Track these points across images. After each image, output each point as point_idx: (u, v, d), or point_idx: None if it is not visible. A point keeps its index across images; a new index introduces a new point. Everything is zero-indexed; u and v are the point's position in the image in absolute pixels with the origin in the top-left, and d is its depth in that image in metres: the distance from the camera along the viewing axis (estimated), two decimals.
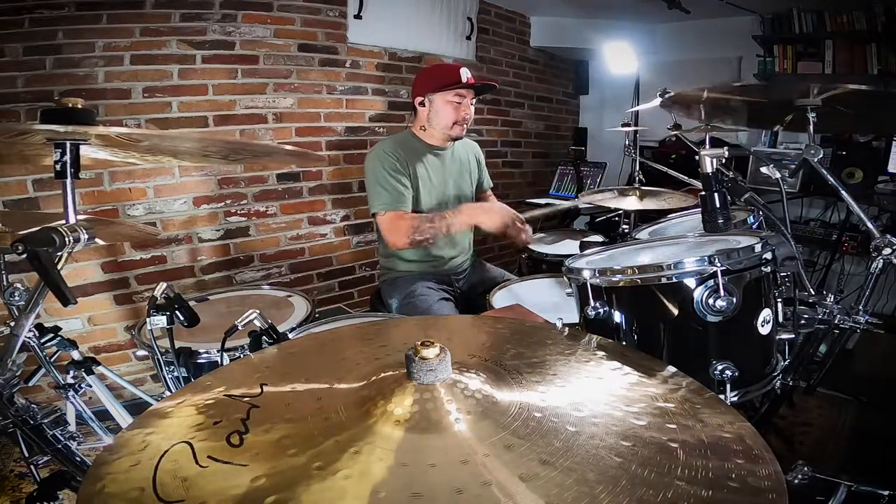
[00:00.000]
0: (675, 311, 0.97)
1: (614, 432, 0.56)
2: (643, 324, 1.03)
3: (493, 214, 1.76)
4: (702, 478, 0.49)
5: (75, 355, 1.35)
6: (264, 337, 1.08)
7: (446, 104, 1.84)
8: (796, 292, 1.06)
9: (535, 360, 0.74)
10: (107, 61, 2.15)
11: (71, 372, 1.34)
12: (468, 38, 3.31)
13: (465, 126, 1.89)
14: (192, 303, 1.15)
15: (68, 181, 0.85)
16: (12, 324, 0.94)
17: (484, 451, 0.52)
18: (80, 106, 0.84)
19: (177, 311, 1.11)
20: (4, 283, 1.21)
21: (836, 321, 1.05)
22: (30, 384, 1.22)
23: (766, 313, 0.98)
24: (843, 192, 1.10)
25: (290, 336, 1.21)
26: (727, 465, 0.51)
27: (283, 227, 2.73)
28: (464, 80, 1.82)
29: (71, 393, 1.32)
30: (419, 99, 1.89)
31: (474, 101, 1.90)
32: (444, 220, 1.76)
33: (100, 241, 0.90)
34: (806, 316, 1.07)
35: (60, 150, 0.84)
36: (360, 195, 2.96)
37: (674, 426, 0.57)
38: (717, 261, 0.90)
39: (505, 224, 1.74)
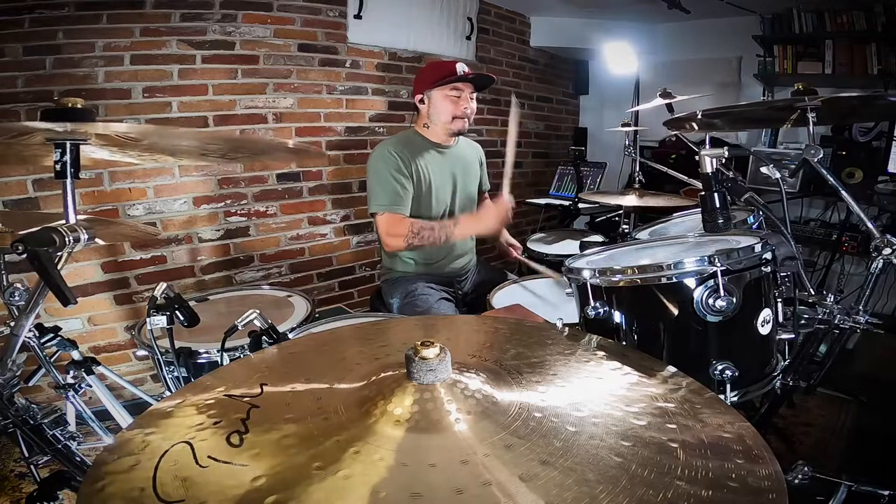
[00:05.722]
0: (675, 311, 0.97)
1: (614, 432, 0.56)
2: (643, 324, 1.03)
3: (489, 220, 1.81)
4: (702, 478, 0.49)
5: (75, 355, 1.35)
6: (264, 337, 1.08)
7: (444, 98, 1.85)
8: (796, 292, 1.06)
9: (535, 360, 0.74)
10: (107, 61, 2.15)
11: (71, 372, 1.34)
12: (468, 38, 3.31)
13: (466, 120, 1.89)
14: (192, 303, 1.15)
15: (68, 181, 0.85)
16: (12, 324, 0.94)
17: (484, 451, 0.52)
18: (80, 106, 0.84)
19: (177, 311, 1.11)
20: (4, 283, 1.21)
21: (836, 321, 1.05)
22: (30, 384, 1.22)
23: (766, 313, 0.98)
24: (843, 192, 1.10)
25: (290, 336, 1.21)
26: (727, 465, 0.51)
27: (283, 227, 2.73)
28: (459, 73, 1.83)
29: (71, 393, 1.32)
30: (419, 96, 1.90)
31: (474, 95, 1.91)
32: (443, 231, 1.78)
33: (100, 241, 0.90)
34: (806, 316, 1.06)
35: (60, 150, 0.84)
36: (360, 195, 2.96)
37: (674, 426, 0.57)
38: (717, 261, 0.90)
39: (502, 222, 1.81)
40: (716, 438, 0.55)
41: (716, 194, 1.07)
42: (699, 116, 1.41)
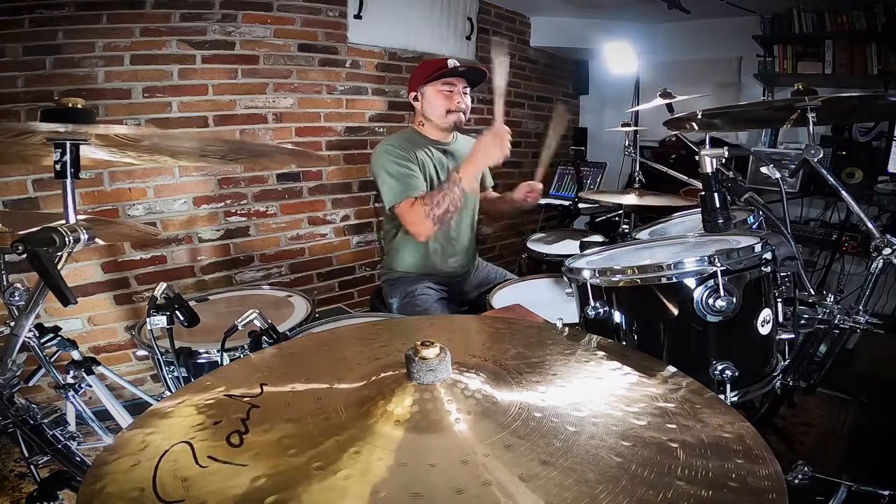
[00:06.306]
0: (675, 311, 0.97)
1: (614, 432, 0.56)
2: (643, 324, 1.03)
3: (491, 150, 1.69)
4: (702, 478, 0.49)
5: (75, 355, 1.35)
6: (264, 337, 1.08)
7: (437, 94, 1.86)
8: (796, 292, 1.06)
9: (535, 360, 0.74)
10: (107, 61, 2.15)
11: (71, 372, 1.34)
12: (468, 38, 3.31)
13: (460, 114, 1.89)
14: (192, 303, 1.15)
15: (68, 181, 0.85)
16: (12, 324, 0.94)
17: (484, 451, 0.52)
18: (80, 106, 0.84)
19: (177, 311, 1.11)
20: (4, 283, 1.21)
21: (836, 321, 1.05)
22: (30, 384, 1.22)
23: (766, 313, 0.98)
24: (843, 192, 1.10)
25: (290, 336, 1.21)
26: (727, 465, 0.51)
27: (283, 227, 2.73)
28: (451, 67, 1.84)
29: (71, 393, 1.32)
30: (413, 94, 1.91)
31: (468, 90, 1.91)
32: (451, 185, 1.70)
33: (100, 241, 0.90)
34: (806, 316, 1.06)
35: (60, 150, 0.84)
36: (360, 195, 2.96)
37: (674, 426, 0.57)
38: (717, 261, 0.90)
39: (504, 148, 1.69)
40: (716, 438, 0.55)
41: (716, 194, 1.06)
42: (699, 116, 1.41)
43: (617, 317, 1.03)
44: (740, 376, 0.93)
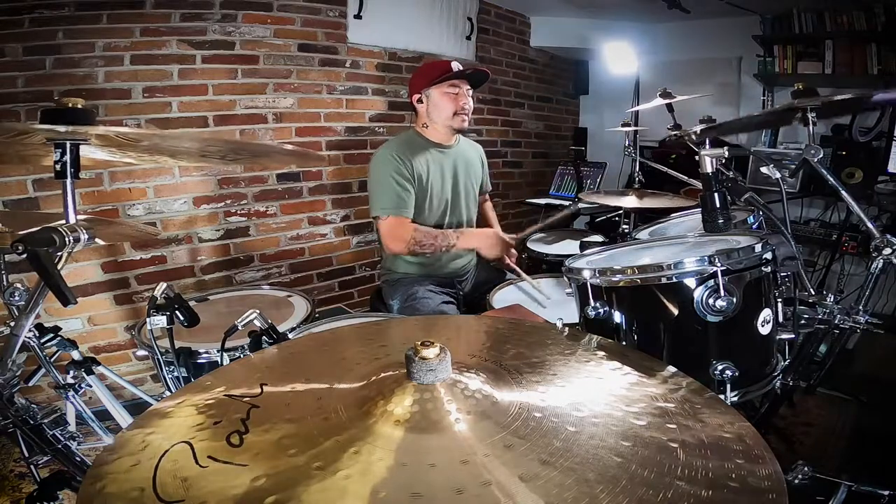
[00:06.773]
0: (676, 311, 0.97)
1: (614, 432, 0.56)
2: (643, 324, 1.03)
3: (494, 247, 1.88)
4: (702, 478, 0.49)
5: (75, 355, 1.35)
6: (264, 337, 1.08)
7: (443, 96, 1.86)
8: (796, 292, 1.06)
9: (535, 360, 0.74)
10: (107, 61, 2.15)
11: (71, 372, 1.34)
12: (468, 38, 3.31)
13: (465, 116, 1.89)
14: (192, 303, 1.15)
15: (68, 181, 0.85)
16: (12, 324, 0.94)
17: (484, 451, 0.52)
18: (80, 106, 0.84)
19: (177, 311, 1.11)
20: (4, 283, 1.21)
21: (836, 321, 1.05)
22: (30, 384, 1.22)
23: (766, 313, 0.98)
24: (843, 192, 1.10)
25: (290, 336, 1.21)
26: (727, 465, 0.51)
27: (283, 227, 2.73)
28: (455, 70, 1.84)
29: (71, 393, 1.32)
30: (416, 96, 1.90)
31: (471, 91, 1.91)
32: (446, 240, 1.82)
33: (100, 241, 0.90)
34: (806, 316, 1.06)
35: (60, 150, 0.84)
36: (360, 195, 2.96)
37: (674, 426, 0.57)
38: (717, 261, 0.90)
39: (501, 256, 1.90)
40: (716, 438, 0.55)
41: (716, 194, 1.07)
42: (697, 132, 1.40)
43: (617, 317, 1.03)
44: (740, 376, 0.93)
